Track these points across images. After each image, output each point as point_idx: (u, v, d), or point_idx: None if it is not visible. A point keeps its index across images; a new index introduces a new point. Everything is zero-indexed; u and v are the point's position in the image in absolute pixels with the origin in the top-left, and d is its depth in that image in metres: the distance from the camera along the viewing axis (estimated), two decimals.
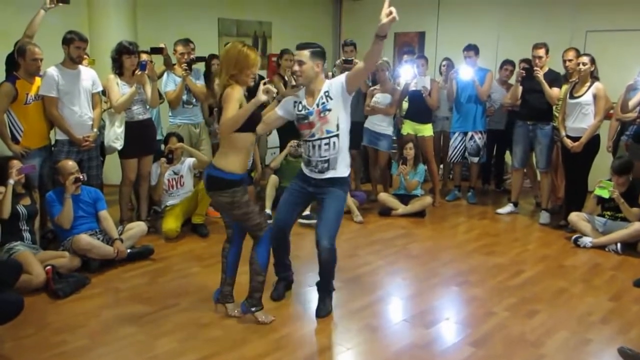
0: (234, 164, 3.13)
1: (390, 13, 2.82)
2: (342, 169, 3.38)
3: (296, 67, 3.27)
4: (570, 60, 5.44)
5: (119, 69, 4.70)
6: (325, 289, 3.54)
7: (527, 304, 3.71)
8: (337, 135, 3.31)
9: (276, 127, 3.65)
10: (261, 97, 3.00)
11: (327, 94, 3.28)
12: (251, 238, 3.32)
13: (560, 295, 3.89)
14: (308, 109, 3.31)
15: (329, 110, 3.27)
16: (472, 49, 6.00)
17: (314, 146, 3.33)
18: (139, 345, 3.10)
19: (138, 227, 4.53)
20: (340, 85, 3.26)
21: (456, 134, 6.20)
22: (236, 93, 3.04)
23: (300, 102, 3.35)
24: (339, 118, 3.29)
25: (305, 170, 3.46)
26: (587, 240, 4.85)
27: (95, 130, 4.59)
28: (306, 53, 3.23)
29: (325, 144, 3.30)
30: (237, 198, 3.15)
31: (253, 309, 3.35)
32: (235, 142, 3.12)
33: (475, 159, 6.22)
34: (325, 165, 3.34)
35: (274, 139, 6.63)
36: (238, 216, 3.22)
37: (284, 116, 3.46)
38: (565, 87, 5.36)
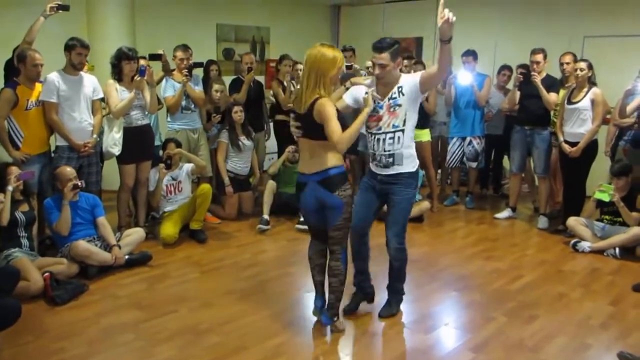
0: (336, 158, 3.10)
1: (444, 16, 2.82)
2: (408, 164, 3.34)
3: (378, 71, 3.23)
4: (567, 64, 5.46)
5: (118, 74, 4.71)
6: (393, 290, 3.59)
7: (526, 309, 3.71)
8: (402, 131, 3.28)
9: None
10: (371, 104, 3.08)
11: (400, 89, 3.26)
12: (332, 246, 3.24)
13: (559, 300, 3.89)
14: (379, 102, 3.28)
15: (399, 105, 3.25)
16: (470, 55, 6.02)
17: (378, 140, 3.31)
18: (138, 352, 3.09)
19: (136, 234, 4.52)
20: (414, 84, 3.24)
21: (454, 139, 6.20)
22: (330, 107, 2.98)
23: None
24: (407, 114, 3.28)
25: (372, 166, 3.44)
26: (585, 245, 4.85)
27: (95, 136, 4.59)
28: (387, 56, 3.18)
29: (390, 138, 3.28)
30: (351, 191, 3.16)
31: (336, 319, 3.34)
32: (321, 145, 3.09)
33: (474, 164, 6.22)
34: (390, 160, 3.31)
35: (272, 144, 6.63)
36: (350, 214, 3.17)
37: (352, 105, 3.36)
38: (563, 92, 5.38)
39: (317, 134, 3.06)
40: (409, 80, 3.27)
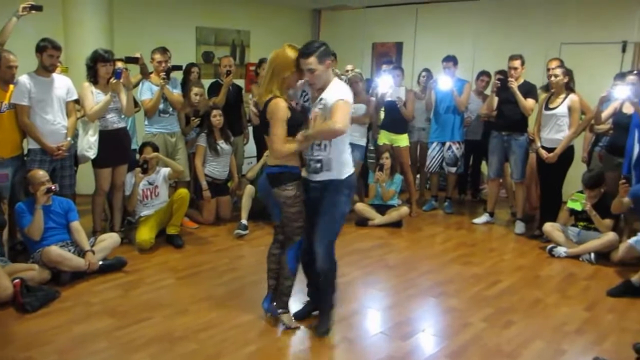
0: (290, 158, 3.16)
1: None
2: (340, 171, 3.21)
3: (308, 77, 3.11)
4: (553, 69, 5.47)
5: (93, 77, 4.62)
6: (322, 301, 3.44)
7: (504, 315, 3.72)
8: None
9: None
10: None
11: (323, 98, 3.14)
12: (284, 240, 3.35)
13: (536, 305, 3.92)
14: (310, 107, 3.22)
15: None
16: (450, 60, 6.05)
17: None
18: None
19: (111, 239, 4.44)
20: (332, 103, 3.10)
21: (434, 144, 6.23)
22: (281, 111, 3.04)
23: (307, 94, 3.27)
24: None
25: (304, 174, 3.33)
26: (561, 250, 4.90)
27: (69, 139, 4.50)
28: (314, 60, 3.04)
29: (317, 145, 3.18)
30: (299, 192, 3.20)
31: (279, 311, 3.40)
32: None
33: (453, 169, 6.25)
34: (318, 165, 3.21)
35: (250, 148, 6.59)
36: (291, 214, 3.21)
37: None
38: (542, 98, 5.43)
39: (268, 131, 3.16)
40: (332, 96, 3.09)
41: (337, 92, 3.11)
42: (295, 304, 3.63)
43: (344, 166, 3.24)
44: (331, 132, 3.05)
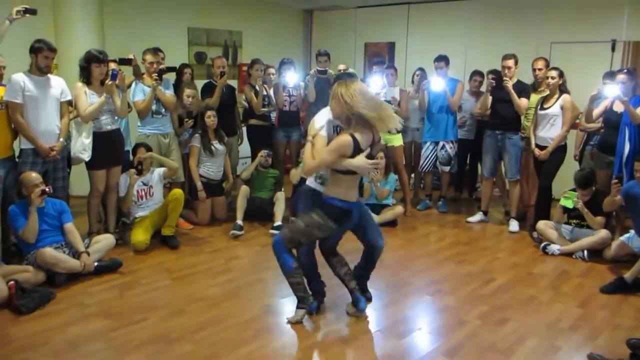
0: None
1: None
2: None
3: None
4: (540, 69, 5.57)
5: (87, 77, 4.60)
6: (367, 277, 3.92)
7: (498, 312, 3.74)
8: None
9: None
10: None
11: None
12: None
13: (530, 302, 3.94)
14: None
15: None
16: (442, 60, 6.07)
17: None
18: None
19: (105, 240, 4.43)
20: None
21: (428, 144, 6.25)
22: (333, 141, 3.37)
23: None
24: None
25: (314, 184, 3.54)
26: (554, 248, 4.93)
27: (62, 139, 4.48)
28: None
29: None
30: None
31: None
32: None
33: (447, 168, 6.28)
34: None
35: (245, 149, 6.59)
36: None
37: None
38: (535, 97, 5.48)
39: None
40: None
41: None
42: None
43: None
44: None
